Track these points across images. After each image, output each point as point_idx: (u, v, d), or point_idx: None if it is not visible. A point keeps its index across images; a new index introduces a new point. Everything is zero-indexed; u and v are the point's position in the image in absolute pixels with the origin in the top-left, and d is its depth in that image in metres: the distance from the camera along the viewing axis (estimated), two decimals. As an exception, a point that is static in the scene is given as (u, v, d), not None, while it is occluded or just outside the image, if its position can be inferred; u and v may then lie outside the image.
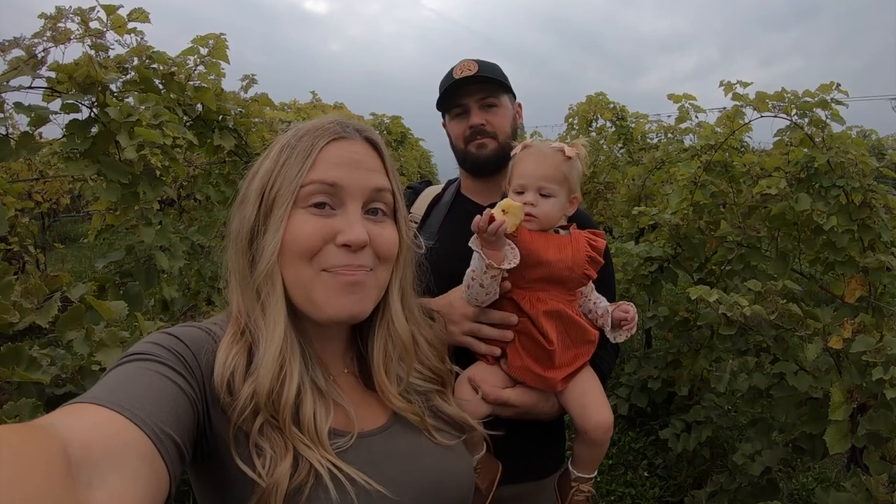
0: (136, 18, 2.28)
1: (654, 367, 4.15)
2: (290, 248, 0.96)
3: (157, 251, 2.38)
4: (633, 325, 1.46)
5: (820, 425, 2.36)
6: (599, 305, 1.53)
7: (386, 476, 0.92)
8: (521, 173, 1.47)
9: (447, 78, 1.77)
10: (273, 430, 0.89)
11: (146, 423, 0.73)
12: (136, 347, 0.88)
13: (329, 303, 0.97)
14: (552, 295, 1.43)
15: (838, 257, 2.90)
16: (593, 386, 1.47)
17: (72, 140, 2.10)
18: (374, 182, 1.02)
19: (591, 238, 1.50)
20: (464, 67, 1.74)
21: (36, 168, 6.86)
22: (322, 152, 0.99)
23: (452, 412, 1.14)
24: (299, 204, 0.97)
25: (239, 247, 1.01)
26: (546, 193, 1.45)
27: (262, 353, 0.93)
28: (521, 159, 1.50)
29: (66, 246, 10.20)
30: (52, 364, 1.52)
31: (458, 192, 1.90)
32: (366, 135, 1.07)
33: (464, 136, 1.78)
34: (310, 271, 0.97)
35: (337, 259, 0.96)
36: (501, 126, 1.76)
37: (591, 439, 1.43)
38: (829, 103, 2.97)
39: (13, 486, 0.51)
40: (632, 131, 6.07)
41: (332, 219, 0.98)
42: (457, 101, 1.77)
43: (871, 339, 2.09)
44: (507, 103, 1.80)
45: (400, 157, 8.22)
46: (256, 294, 0.98)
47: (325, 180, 0.98)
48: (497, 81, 1.74)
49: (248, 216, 1.00)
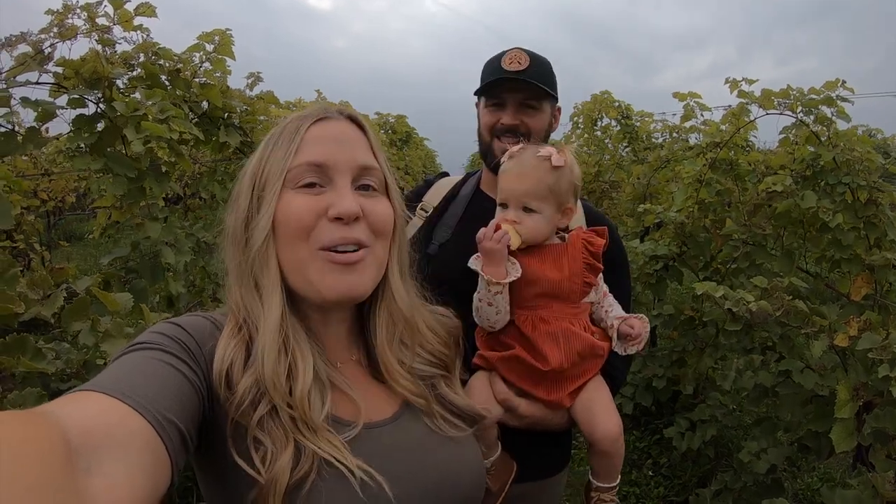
0: (143, 13, 2.28)
1: (658, 365, 4.14)
2: (284, 229, 0.96)
3: (162, 246, 2.39)
4: (639, 341, 1.42)
5: (826, 423, 2.34)
6: (610, 315, 1.47)
7: (391, 469, 0.91)
8: (503, 188, 1.41)
9: (493, 65, 1.70)
10: (273, 422, 0.88)
11: (148, 410, 0.73)
12: (140, 337, 0.88)
13: (326, 282, 0.96)
14: (555, 312, 1.38)
15: (844, 255, 2.88)
16: (601, 395, 1.43)
17: (78, 135, 2.11)
18: (360, 158, 1.03)
19: (588, 241, 1.42)
20: (513, 58, 1.66)
21: (41, 166, 6.88)
22: (307, 134, 1.00)
23: (460, 402, 1.13)
24: (289, 186, 0.98)
25: (235, 238, 1.02)
26: (530, 209, 1.38)
27: (261, 337, 0.93)
28: (505, 172, 1.42)
29: (71, 244, 10.22)
30: (57, 358, 1.52)
31: (476, 188, 1.84)
32: (348, 114, 1.08)
33: (492, 129, 1.72)
34: (306, 251, 0.96)
35: (332, 234, 0.96)
36: (536, 129, 1.70)
37: (601, 449, 1.39)
38: (834, 100, 2.96)
39: (13, 473, 0.50)
40: (637, 130, 6.06)
41: (322, 195, 0.98)
42: (497, 93, 1.70)
43: (877, 336, 2.08)
44: (547, 108, 1.73)
45: (405, 157, 8.22)
46: (252, 277, 0.98)
47: (312, 161, 0.98)
48: (542, 90, 1.67)
49: (241, 208, 1.01)
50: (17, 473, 0.50)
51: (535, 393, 1.39)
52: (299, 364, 0.93)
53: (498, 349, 1.42)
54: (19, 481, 0.50)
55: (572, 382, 1.39)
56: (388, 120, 8.33)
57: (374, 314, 1.10)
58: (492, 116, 1.72)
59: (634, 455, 4.28)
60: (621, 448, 1.41)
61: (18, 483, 0.50)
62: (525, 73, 1.65)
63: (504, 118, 1.69)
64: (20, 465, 0.51)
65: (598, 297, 1.48)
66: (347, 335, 1.11)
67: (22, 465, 0.51)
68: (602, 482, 1.44)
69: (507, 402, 1.38)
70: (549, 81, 1.71)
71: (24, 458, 0.52)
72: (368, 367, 1.10)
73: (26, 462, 0.52)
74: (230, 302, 1.02)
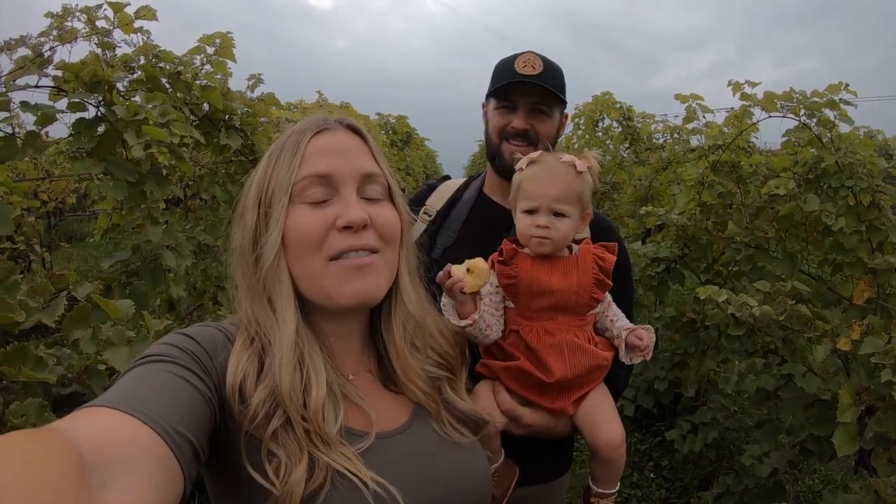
0: (144, 16, 2.27)
1: (660, 368, 4.13)
2: (295, 242, 0.98)
3: (163, 250, 2.38)
4: (647, 352, 1.41)
5: (828, 427, 2.34)
6: (616, 325, 1.46)
7: (403, 478, 0.92)
8: (533, 193, 1.37)
9: (506, 68, 1.68)
10: (287, 434, 0.88)
11: (159, 423, 0.73)
12: (151, 349, 0.89)
13: (342, 289, 0.98)
14: (560, 324, 1.37)
15: (847, 258, 2.87)
16: (604, 403, 1.42)
17: (78, 139, 2.10)
18: (363, 166, 1.04)
19: (599, 256, 1.40)
20: (528, 62, 1.65)
21: (42, 167, 6.88)
22: (308, 146, 1.02)
23: (464, 406, 1.14)
24: (295, 200, 0.99)
25: (243, 255, 1.03)
26: (560, 213, 1.35)
27: (277, 351, 0.93)
28: (531, 178, 1.39)
29: (71, 245, 10.22)
30: (59, 364, 1.52)
31: (480, 191, 1.83)
32: (347, 123, 1.09)
33: (501, 131, 1.70)
34: (319, 262, 0.98)
35: (342, 243, 0.97)
36: (545, 134, 1.68)
37: (604, 457, 1.39)
38: (837, 103, 2.95)
39: (30, 491, 0.51)
40: (638, 131, 6.05)
41: (329, 207, 0.99)
42: (510, 95, 1.69)
43: (880, 340, 2.08)
44: (557, 114, 1.72)
45: (405, 157, 8.23)
46: (264, 293, 0.99)
47: (316, 173, 1.00)
48: (556, 96, 1.66)
49: (249, 224, 1.02)
50: (33, 491, 0.51)
51: (539, 402, 1.38)
52: (313, 378, 0.93)
53: (501, 359, 1.41)
54: (36, 499, 0.51)
55: (576, 391, 1.39)
56: (388, 121, 8.34)
57: (387, 318, 1.11)
58: (502, 119, 1.71)
59: (636, 457, 4.28)
60: (623, 455, 1.41)
61: (35, 501, 0.51)
62: (539, 77, 1.64)
63: (515, 121, 1.68)
64: (36, 483, 0.52)
65: (603, 308, 1.47)
66: (359, 345, 1.12)
67: (38, 483, 0.52)
68: (602, 488, 1.44)
69: (512, 412, 1.38)
70: (562, 87, 1.70)
71: (40, 476, 0.53)
72: (379, 375, 1.11)
73: (42, 480, 0.53)
74: (241, 315, 1.02)
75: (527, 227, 1.36)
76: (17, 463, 0.52)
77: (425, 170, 10.28)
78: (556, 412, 1.39)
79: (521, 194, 1.40)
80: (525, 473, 1.41)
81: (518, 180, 1.42)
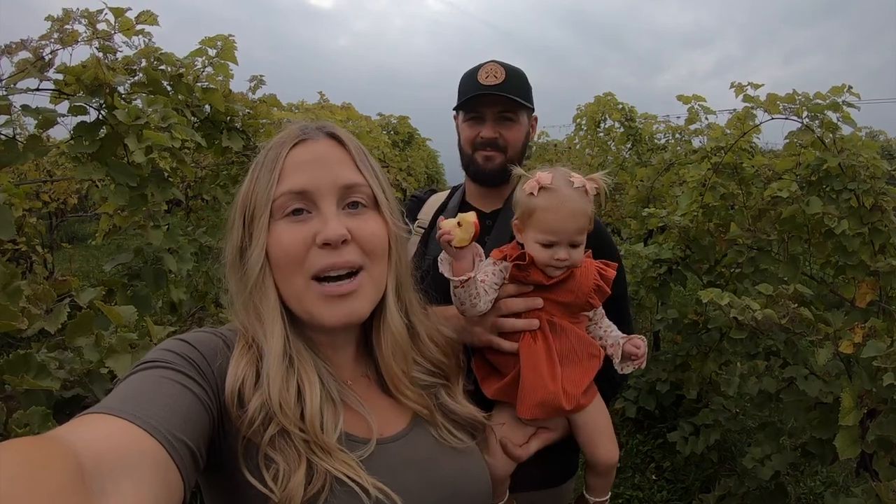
0: (145, 21, 2.27)
1: (662, 369, 4.14)
2: (278, 261, 0.98)
3: (165, 253, 2.38)
4: (642, 360, 1.43)
5: (830, 430, 2.34)
6: (610, 335, 1.47)
7: (405, 484, 0.92)
8: (552, 229, 1.34)
9: (470, 80, 1.72)
10: (286, 440, 0.88)
11: (158, 430, 0.73)
12: (149, 355, 0.89)
13: (323, 313, 0.98)
14: (554, 314, 1.39)
15: (849, 261, 2.87)
16: (603, 420, 1.44)
17: (80, 143, 2.09)
18: (343, 177, 1.02)
19: (602, 268, 1.43)
20: (490, 72, 1.69)
21: (44, 168, 6.88)
22: (286, 160, 1.01)
23: (461, 410, 1.14)
24: (276, 216, 0.99)
25: (233, 266, 1.03)
26: (576, 244, 1.36)
27: (265, 365, 0.94)
28: (549, 210, 1.34)
29: (73, 246, 10.22)
30: (61, 367, 1.52)
31: (462, 200, 1.88)
32: (328, 131, 1.08)
33: (473, 143, 1.75)
34: (301, 281, 0.97)
35: (322, 260, 0.96)
36: (514, 141, 1.74)
37: (600, 472, 1.44)
38: (840, 105, 2.95)
39: (29, 496, 0.51)
40: (640, 132, 6.04)
41: (309, 223, 0.98)
42: (475, 107, 1.73)
43: (882, 343, 2.08)
44: (525, 119, 1.77)
45: (407, 158, 8.23)
46: (253, 307, 1.00)
47: (293, 189, 0.99)
48: (519, 103, 1.70)
49: (234, 238, 1.03)
50: (33, 498, 0.52)
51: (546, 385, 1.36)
52: (306, 389, 0.94)
53: (496, 376, 1.42)
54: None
55: (572, 385, 1.36)
56: (390, 121, 8.34)
57: (376, 331, 1.11)
58: (471, 130, 1.76)
59: (637, 459, 4.28)
60: (615, 470, 1.48)
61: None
62: (501, 86, 1.68)
63: (483, 132, 1.73)
64: (37, 490, 0.52)
65: (597, 319, 1.50)
66: (355, 352, 1.12)
67: (38, 490, 0.52)
68: (597, 497, 1.49)
69: (527, 456, 1.37)
70: (525, 93, 1.74)
71: (41, 483, 0.53)
72: (378, 381, 1.11)
73: (42, 486, 0.53)
74: (237, 322, 1.03)
75: (546, 258, 1.35)
76: (17, 469, 0.53)
77: (427, 170, 10.27)
78: (573, 412, 1.38)
79: (536, 224, 1.37)
80: (528, 478, 1.42)
81: (531, 207, 1.37)
